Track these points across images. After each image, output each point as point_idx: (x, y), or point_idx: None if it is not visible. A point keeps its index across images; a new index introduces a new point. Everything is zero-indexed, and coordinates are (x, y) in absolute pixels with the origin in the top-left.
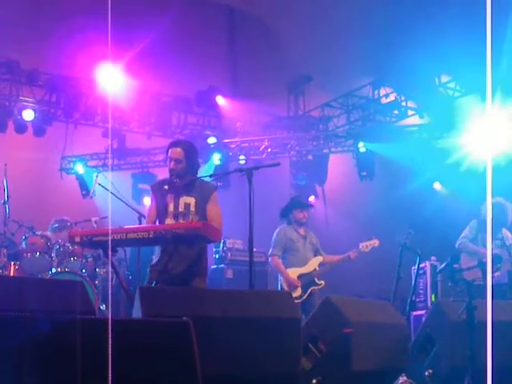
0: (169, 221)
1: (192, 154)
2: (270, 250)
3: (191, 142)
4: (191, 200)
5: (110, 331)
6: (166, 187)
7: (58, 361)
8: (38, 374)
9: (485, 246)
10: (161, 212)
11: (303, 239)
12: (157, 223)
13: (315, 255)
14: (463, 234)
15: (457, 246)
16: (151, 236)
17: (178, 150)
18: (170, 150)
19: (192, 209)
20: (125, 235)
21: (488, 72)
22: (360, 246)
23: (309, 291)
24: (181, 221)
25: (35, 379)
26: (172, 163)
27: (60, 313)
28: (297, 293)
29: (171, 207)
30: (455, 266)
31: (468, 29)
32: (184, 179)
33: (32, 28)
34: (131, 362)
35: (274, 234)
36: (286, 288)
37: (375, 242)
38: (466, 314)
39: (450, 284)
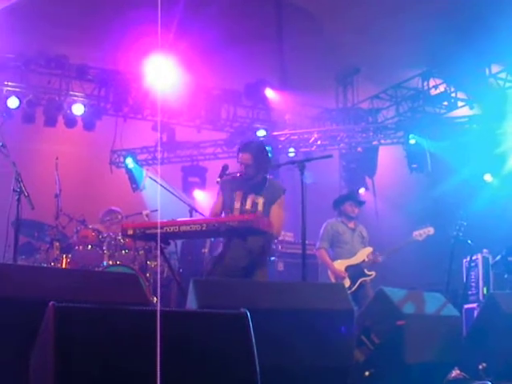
0: None
1: (260, 156)
2: (317, 244)
3: (260, 143)
4: (259, 200)
5: (158, 322)
6: (238, 174)
7: (121, 352)
8: (92, 365)
9: None
10: (226, 207)
11: (351, 231)
12: None
13: (364, 247)
14: None
15: None
16: (204, 229)
17: (246, 155)
18: (239, 155)
19: (260, 208)
20: (178, 228)
21: None
22: (413, 235)
23: (358, 282)
24: None
25: (89, 369)
26: (242, 167)
27: (115, 304)
28: (345, 284)
29: (237, 204)
30: (510, 258)
31: None
32: (254, 179)
33: (81, 23)
34: (187, 354)
35: (322, 227)
36: (333, 280)
37: (430, 230)
38: None
39: (506, 276)
